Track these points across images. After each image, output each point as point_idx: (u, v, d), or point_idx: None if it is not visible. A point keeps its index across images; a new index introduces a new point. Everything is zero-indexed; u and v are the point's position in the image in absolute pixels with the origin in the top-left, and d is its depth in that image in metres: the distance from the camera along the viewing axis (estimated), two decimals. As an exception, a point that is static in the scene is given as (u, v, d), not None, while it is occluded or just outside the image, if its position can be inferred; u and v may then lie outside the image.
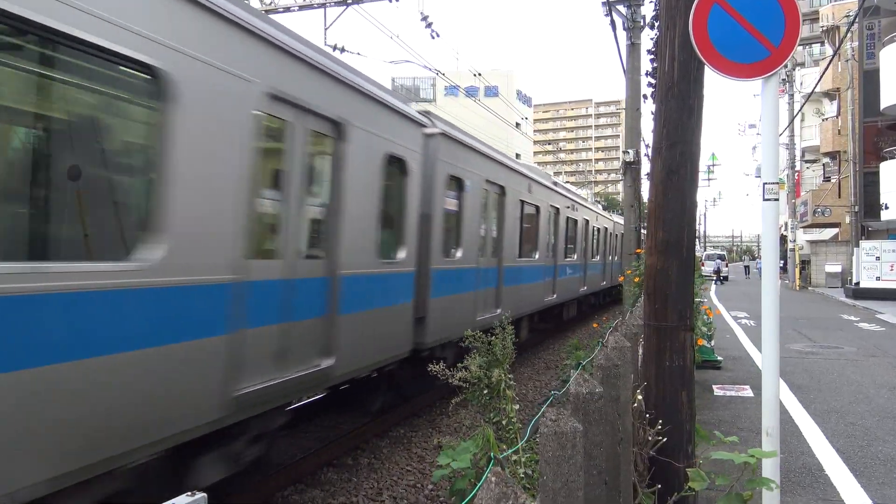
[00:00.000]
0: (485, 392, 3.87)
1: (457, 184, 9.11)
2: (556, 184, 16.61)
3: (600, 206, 28.76)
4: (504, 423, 3.89)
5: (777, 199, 3.64)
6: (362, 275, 6.52)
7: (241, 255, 4.65)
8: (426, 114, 8.42)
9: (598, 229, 22.22)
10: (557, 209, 15.58)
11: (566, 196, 17.02)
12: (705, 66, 3.85)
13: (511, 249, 11.74)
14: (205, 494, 2.16)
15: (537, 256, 13.78)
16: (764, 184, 3.66)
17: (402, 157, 7.35)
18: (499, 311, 10.65)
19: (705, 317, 11.00)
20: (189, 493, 2.18)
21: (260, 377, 4.93)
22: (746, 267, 60.07)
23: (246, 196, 4.73)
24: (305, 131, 5.57)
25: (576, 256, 18.25)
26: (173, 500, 1.94)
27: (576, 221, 18.01)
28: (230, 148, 4.57)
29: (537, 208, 13.72)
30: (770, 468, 3.59)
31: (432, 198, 8.27)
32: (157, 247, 3.93)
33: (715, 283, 38.69)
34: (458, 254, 9.24)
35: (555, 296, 15.38)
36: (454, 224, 9.24)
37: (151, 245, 3.91)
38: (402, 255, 7.49)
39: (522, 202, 12.49)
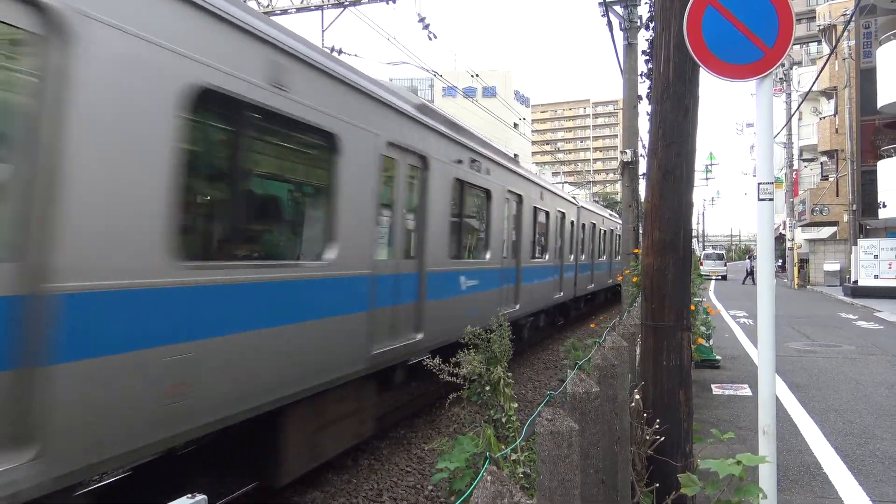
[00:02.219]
0: (486, 388, 3.89)
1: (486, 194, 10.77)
2: (562, 189, 19.34)
3: (599, 206, 28.70)
4: (504, 420, 3.91)
5: (772, 199, 3.66)
6: (439, 271, 8.34)
7: (372, 256, 6.57)
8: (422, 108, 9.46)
9: (604, 231, 23.73)
10: (563, 213, 16.81)
11: (600, 214, 20.56)
12: (700, 67, 3.87)
13: (527, 251, 13.03)
14: (205, 496, 2.18)
15: (547, 258, 15.17)
16: (759, 184, 3.68)
17: (463, 179, 9.28)
18: (517, 307, 12.11)
19: (705, 315, 11.02)
20: (189, 496, 2.19)
21: (383, 343, 6.77)
22: (751, 269, 44.13)
23: (376, 213, 6.65)
24: (405, 165, 7.48)
25: (584, 257, 19.89)
26: (174, 502, 1.96)
27: (584, 224, 19.93)
28: (369, 181, 6.49)
29: (547, 213, 15.04)
30: (767, 468, 3.61)
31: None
32: (331, 252, 5.84)
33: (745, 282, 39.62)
34: (487, 255, 10.70)
35: (562, 293, 16.55)
36: (485, 228, 10.86)
37: (329, 250, 5.83)
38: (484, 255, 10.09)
39: (535, 208, 13.77)
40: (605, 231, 23.55)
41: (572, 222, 17.58)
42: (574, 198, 18.65)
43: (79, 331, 3.46)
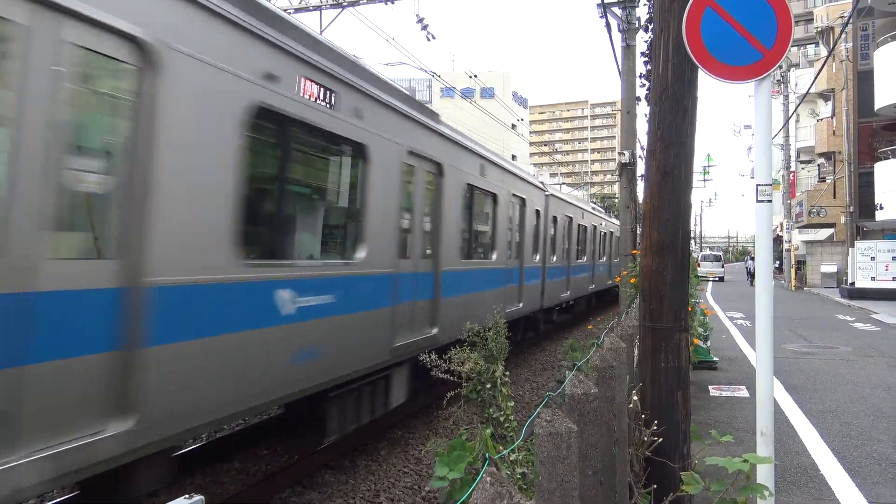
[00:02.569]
0: (487, 386, 3.88)
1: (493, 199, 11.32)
2: (594, 207, 19.68)
3: (592, 206, 28.62)
4: (502, 419, 3.91)
5: (770, 201, 3.66)
6: (452, 270, 8.90)
7: (396, 255, 7.18)
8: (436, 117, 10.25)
9: (605, 233, 23.88)
10: (571, 218, 17.54)
11: (579, 206, 19.34)
12: (699, 69, 3.87)
13: (529, 252, 13.58)
14: (202, 497, 2.17)
15: (555, 259, 15.71)
16: (757, 185, 3.68)
17: (475, 185, 9.90)
18: (521, 304, 12.71)
19: (702, 317, 11.03)
20: (187, 497, 2.19)
21: (403, 337, 7.35)
22: (751, 269, 45.92)
23: (398, 216, 7.24)
24: (423, 171, 8.05)
25: (586, 258, 20.13)
26: (172, 503, 1.96)
27: (586, 227, 20.17)
28: (393, 187, 7.09)
29: (555, 218, 15.86)
30: (765, 469, 3.61)
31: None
32: (361, 252, 6.47)
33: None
34: (494, 256, 11.25)
35: (568, 293, 17.19)
36: (491, 230, 11.35)
37: (359, 251, 6.47)
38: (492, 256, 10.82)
39: (537, 211, 14.30)
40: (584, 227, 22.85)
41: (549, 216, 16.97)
42: (542, 183, 16.96)
43: (445, 286, 7.12)
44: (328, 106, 5.72)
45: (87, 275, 3.57)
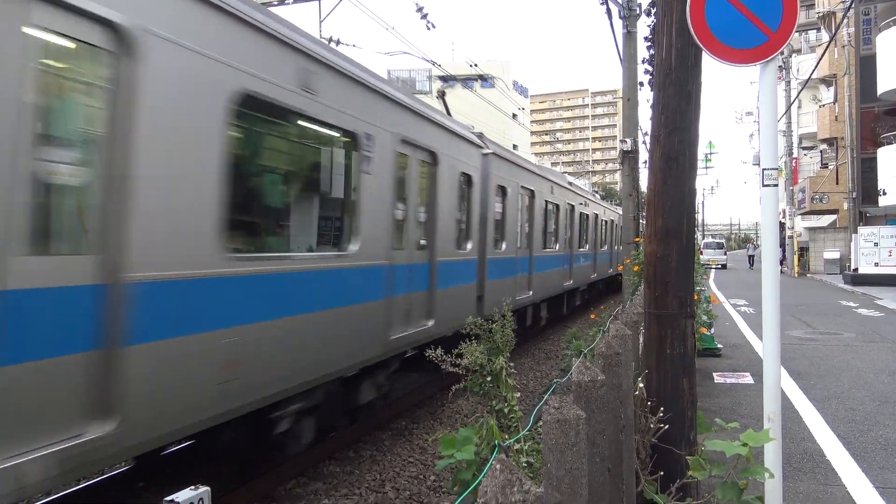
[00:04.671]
0: (488, 379, 3.87)
1: (502, 190, 11.25)
2: (570, 183, 19.09)
3: (598, 196, 28.60)
4: (506, 410, 3.89)
5: (776, 185, 3.63)
6: (448, 261, 8.79)
7: (389, 247, 7.03)
8: (480, 136, 10.35)
9: (606, 221, 24.02)
10: (573, 206, 17.83)
11: (579, 194, 19.51)
12: (703, 53, 3.83)
13: (539, 241, 13.74)
14: (208, 488, 2.17)
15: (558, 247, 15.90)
16: (763, 169, 3.65)
17: (470, 174, 9.62)
18: (531, 293, 12.85)
19: (707, 304, 11.01)
20: (193, 487, 2.18)
21: (398, 329, 7.25)
22: (751, 257, 48.80)
23: (391, 207, 7.08)
24: (417, 161, 7.87)
25: (587, 247, 20.20)
26: (178, 493, 1.95)
27: (587, 216, 20.30)
28: (387, 177, 6.96)
29: (557, 206, 15.89)
30: (772, 454, 3.60)
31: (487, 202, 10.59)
32: (355, 244, 6.34)
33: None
34: (504, 246, 11.30)
35: (571, 281, 17.36)
36: (501, 222, 11.36)
37: (352, 243, 6.34)
38: (468, 247, 9.81)
39: (546, 202, 14.56)
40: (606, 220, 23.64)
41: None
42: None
43: (441, 277, 7.89)
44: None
45: (62, 271, 3.42)
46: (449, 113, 10.88)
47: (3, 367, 3.07)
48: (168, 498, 2.08)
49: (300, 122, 5.78)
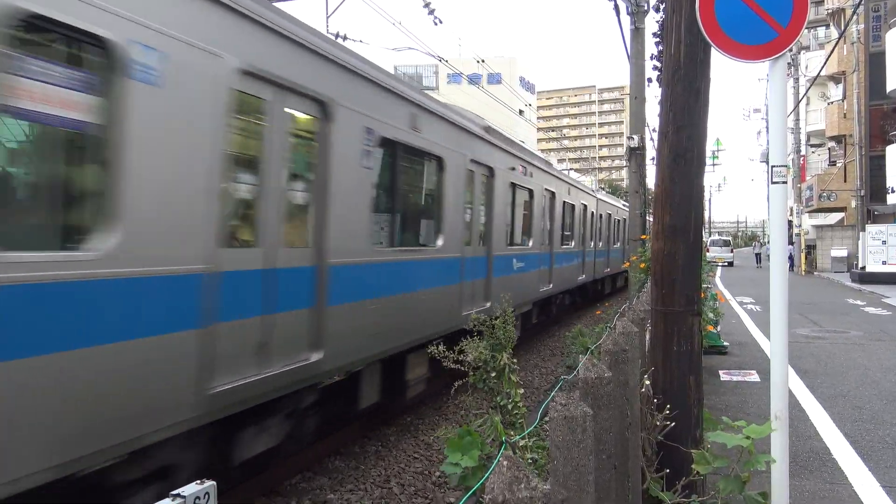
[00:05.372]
0: (492, 375, 3.86)
1: (531, 194, 12.70)
2: (587, 186, 20.45)
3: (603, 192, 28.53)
4: (510, 407, 3.89)
5: (785, 182, 3.61)
6: (500, 255, 10.45)
7: (463, 243, 8.88)
8: (488, 130, 11.10)
9: (618, 220, 24.68)
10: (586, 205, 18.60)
11: (596, 196, 20.46)
12: (712, 49, 3.80)
13: (557, 239, 14.88)
14: (214, 482, 2.16)
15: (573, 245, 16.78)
16: (772, 166, 3.63)
17: (517, 183, 11.55)
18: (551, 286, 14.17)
19: (713, 302, 10.97)
20: (199, 482, 2.18)
21: (467, 308, 8.81)
22: (758, 255, 47.65)
23: (464, 212, 9.01)
24: (480, 175, 9.67)
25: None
26: (183, 488, 1.95)
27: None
28: (461, 188, 8.96)
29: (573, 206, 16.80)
30: (779, 452, 3.59)
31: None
32: (441, 240, 8.27)
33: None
34: (529, 242, 12.48)
35: (584, 276, 18.14)
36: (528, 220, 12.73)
37: (439, 239, 8.28)
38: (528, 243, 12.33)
39: (564, 203, 15.33)
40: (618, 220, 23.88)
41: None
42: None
43: (497, 268, 9.92)
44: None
45: (300, 258, 5.31)
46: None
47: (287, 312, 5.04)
48: (174, 492, 2.08)
49: (412, 153, 7.54)
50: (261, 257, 4.88)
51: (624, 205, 26.12)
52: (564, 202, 15.60)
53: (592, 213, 19.71)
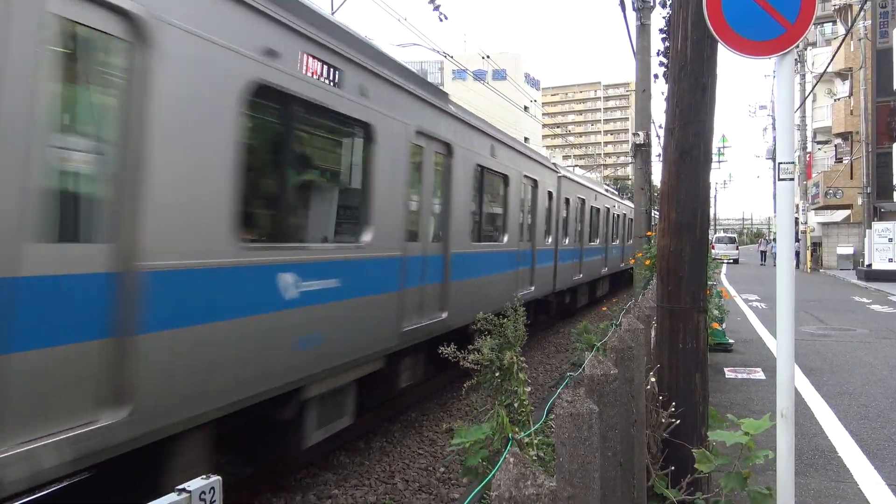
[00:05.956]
0: (496, 374, 3.86)
1: (567, 201, 15.37)
2: (606, 189, 21.87)
3: (605, 188, 28.31)
4: (516, 405, 3.88)
5: (793, 179, 3.59)
6: (541, 250, 12.85)
7: (518, 241, 11.21)
8: (555, 164, 13.81)
9: (618, 216, 24.14)
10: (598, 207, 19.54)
11: (592, 188, 20.19)
12: (719, 45, 3.78)
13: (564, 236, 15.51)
14: (219, 477, 2.17)
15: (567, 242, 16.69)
16: (779, 163, 3.60)
17: (551, 191, 13.94)
18: (581, 276, 16.76)
19: (719, 299, 10.95)
20: (204, 476, 2.18)
21: (519, 291, 10.61)
22: (763, 252, 47.14)
23: (517, 217, 11.32)
24: (529, 185, 12.12)
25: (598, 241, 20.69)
26: (188, 482, 1.95)
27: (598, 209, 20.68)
28: (518, 198, 11.67)
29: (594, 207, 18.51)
30: (784, 450, 3.57)
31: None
32: (505, 237, 10.76)
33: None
34: (567, 240, 14.87)
35: (581, 275, 17.84)
36: (566, 222, 15.19)
37: (505, 237, 10.71)
38: (549, 241, 13.88)
39: (549, 193, 14.91)
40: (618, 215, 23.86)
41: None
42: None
43: (540, 259, 12.92)
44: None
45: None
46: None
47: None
48: (179, 486, 2.08)
49: (490, 174, 9.62)
50: (420, 248, 7.39)
51: (611, 192, 25.55)
52: (550, 192, 13.97)
53: (614, 214, 20.44)
